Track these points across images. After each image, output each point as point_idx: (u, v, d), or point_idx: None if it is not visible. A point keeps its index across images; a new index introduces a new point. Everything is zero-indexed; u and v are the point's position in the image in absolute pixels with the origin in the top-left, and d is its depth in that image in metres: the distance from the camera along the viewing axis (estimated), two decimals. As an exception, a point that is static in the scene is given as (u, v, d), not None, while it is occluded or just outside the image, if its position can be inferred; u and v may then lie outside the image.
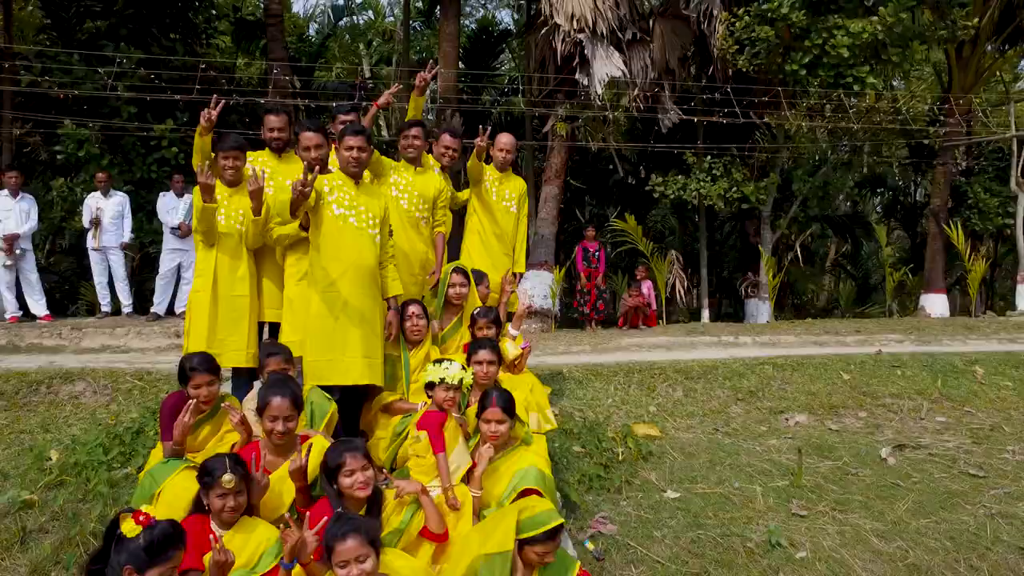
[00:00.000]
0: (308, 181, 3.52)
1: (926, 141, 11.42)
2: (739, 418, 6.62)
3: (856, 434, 6.37)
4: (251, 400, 3.63)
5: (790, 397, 6.93)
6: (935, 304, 12.63)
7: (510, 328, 4.76)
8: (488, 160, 5.28)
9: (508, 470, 3.29)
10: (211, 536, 2.62)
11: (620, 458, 5.54)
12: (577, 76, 10.73)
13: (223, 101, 4.10)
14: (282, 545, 2.79)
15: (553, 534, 2.75)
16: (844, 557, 4.66)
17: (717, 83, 11.82)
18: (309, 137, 4.01)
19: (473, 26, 18.07)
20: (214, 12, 13.64)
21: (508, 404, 3.42)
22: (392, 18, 22.85)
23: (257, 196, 3.97)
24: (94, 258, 8.83)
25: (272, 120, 4.41)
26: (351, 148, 3.83)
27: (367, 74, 16.36)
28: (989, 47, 12.16)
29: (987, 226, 11.90)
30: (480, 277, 4.95)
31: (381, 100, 4.74)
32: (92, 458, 4.84)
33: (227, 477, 2.76)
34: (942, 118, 11.52)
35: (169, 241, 8.87)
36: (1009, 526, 4.86)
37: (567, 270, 11.62)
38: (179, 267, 8.94)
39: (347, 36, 19.41)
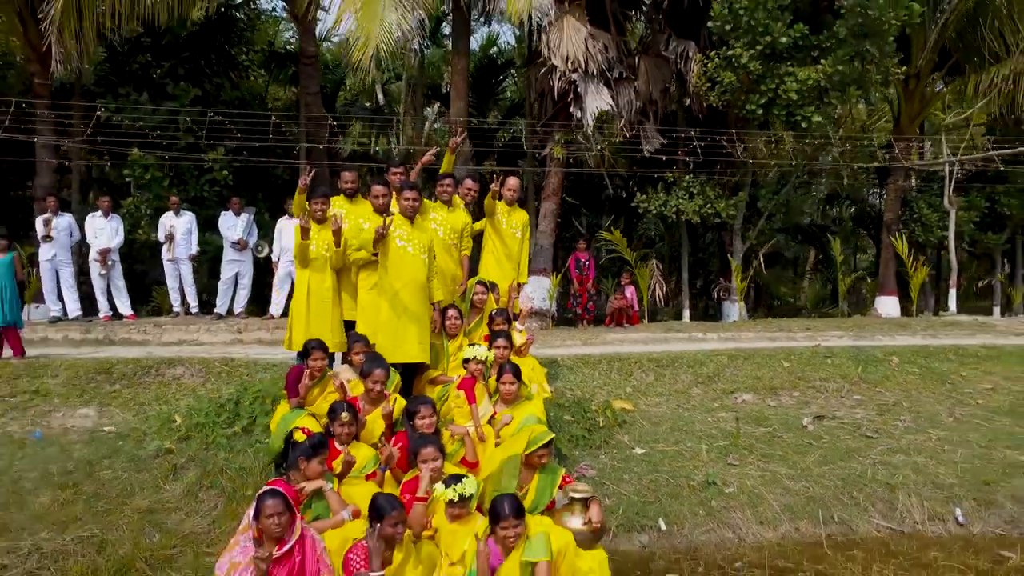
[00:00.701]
0: (386, 226, 5.18)
1: (875, 164, 13.05)
2: (697, 397, 8.23)
3: (788, 408, 7.98)
4: (345, 372, 5.30)
5: (740, 380, 8.53)
6: (886, 305, 14.27)
7: (517, 324, 6.42)
8: (499, 197, 6.94)
9: (517, 416, 4.95)
10: (342, 448, 4.30)
11: (601, 425, 7.18)
12: (572, 110, 12.39)
13: (314, 171, 5.76)
14: (379, 457, 4.46)
15: (548, 445, 4.40)
16: (761, 492, 6.32)
17: (694, 113, 13.51)
18: (378, 189, 5.64)
19: (478, 51, 19.69)
20: (252, 47, 15.38)
21: (517, 371, 5.06)
22: (400, 34, 24.46)
23: (337, 233, 5.61)
24: (168, 268, 10.50)
25: (347, 176, 6.10)
26: (408, 199, 5.48)
27: (381, 99, 18.00)
28: (931, 80, 13.83)
29: (929, 237, 13.52)
30: (492, 287, 6.61)
31: (425, 159, 6.43)
32: (208, 420, 6.50)
33: (345, 414, 4.43)
34: (879, 152, 13.16)
35: (229, 253, 10.54)
36: (884, 470, 6.52)
37: (563, 276, 13.26)
38: (236, 275, 10.63)
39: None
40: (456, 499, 3.84)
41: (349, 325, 5.90)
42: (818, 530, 5.93)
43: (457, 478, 3.93)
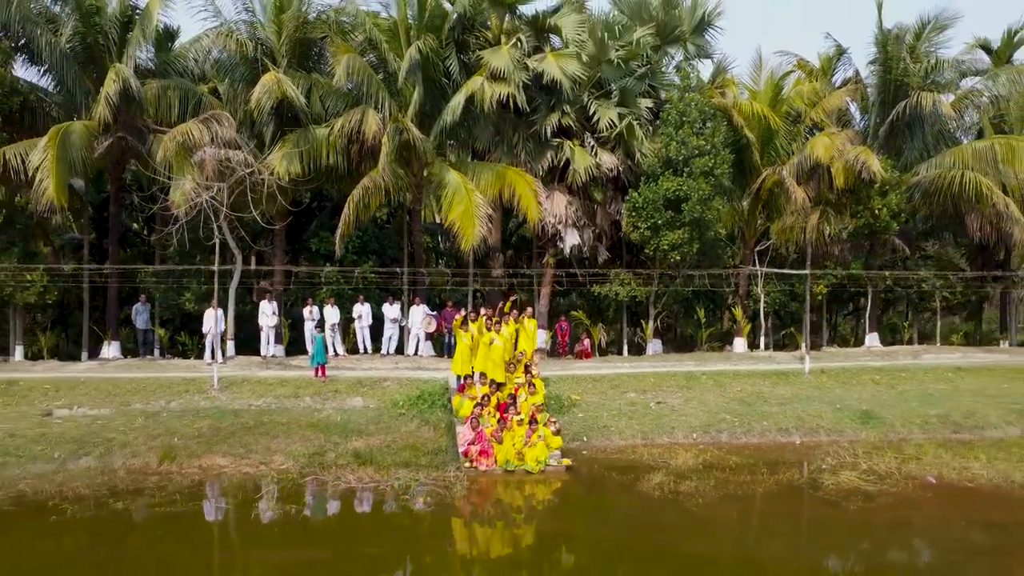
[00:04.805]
0: (494, 339, 14.79)
1: (723, 271, 22.88)
2: (610, 394, 17.49)
3: (647, 399, 17.26)
4: (477, 384, 14.89)
5: (630, 387, 17.73)
6: (738, 344, 23.88)
7: (533, 367, 16.05)
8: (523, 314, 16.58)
9: (533, 399, 14.55)
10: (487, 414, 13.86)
11: (565, 406, 16.41)
12: (558, 243, 22.03)
13: (462, 311, 15.38)
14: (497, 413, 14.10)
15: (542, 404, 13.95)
16: (623, 428, 15.70)
17: (626, 240, 23.20)
18: (487, 322, 15.22)
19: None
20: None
21: (534, 385, 14.59)
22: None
23: (471, 336, 15.21)
24: (358, 331, 20.11)
25: (471, 315, 15.74)
26: (498, 327, 15.13)
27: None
28: (759, 218, 23.51)
29: (756, 307, 23.20)
30: (524, 353, 16.26)
31: (499, 305, 16.06)
32: (413, 402, 15.92)
33: (487, 398, 14.02)
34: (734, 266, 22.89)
35: (388, 324, 20.04)
36: (672, 421, 15.86)
37: (553, 333, 22.86)
38: (391, 336, 20.24)
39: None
40: (520, 420, 13.48)
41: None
42: (641, 442, 15.50)
43: (517, 415, 13.58)
